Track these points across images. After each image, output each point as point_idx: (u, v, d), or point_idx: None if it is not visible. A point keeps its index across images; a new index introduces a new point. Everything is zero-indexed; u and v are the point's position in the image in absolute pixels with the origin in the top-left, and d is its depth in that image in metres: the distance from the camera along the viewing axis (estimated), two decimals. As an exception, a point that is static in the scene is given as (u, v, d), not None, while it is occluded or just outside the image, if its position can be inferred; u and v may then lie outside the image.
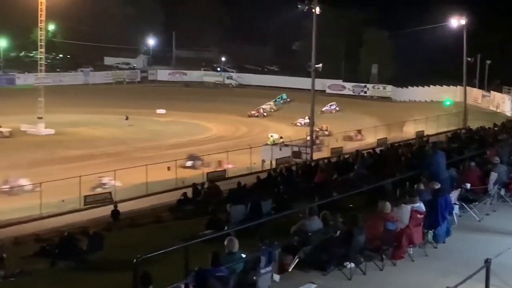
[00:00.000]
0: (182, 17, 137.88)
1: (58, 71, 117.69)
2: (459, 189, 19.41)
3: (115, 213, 35.29)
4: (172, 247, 12.17)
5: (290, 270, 14.21)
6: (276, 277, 13.35)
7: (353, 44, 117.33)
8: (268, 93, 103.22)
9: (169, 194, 41.90)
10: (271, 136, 66.84)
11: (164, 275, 12.90)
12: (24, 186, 46.44)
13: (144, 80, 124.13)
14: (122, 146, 67.57)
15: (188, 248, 12.15)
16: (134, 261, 10.92)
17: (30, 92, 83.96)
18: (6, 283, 21.67)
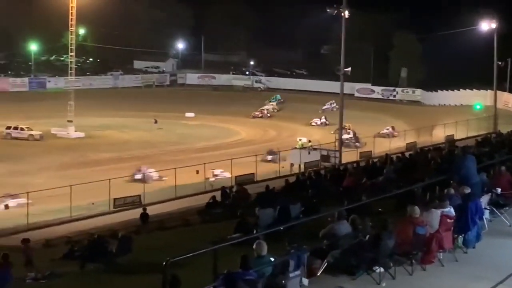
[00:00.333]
0: (211, 21, 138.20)
1: (88, 75, 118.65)
2: (490, 194, 19.22)
3: (144, 216, 35.45)
4: (201, 250, 12.16)
5: (319, 274, 14.16)
6: (305, 281, 13.31)
7: (382, 48, 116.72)
8: (297, 97, 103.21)
9: (198, 198, 42.02)
10: (300, 140, 66.81)
11: (193, 278, 12.94)
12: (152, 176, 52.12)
13: (173, 84, 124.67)
14: (151, 149, 67.90)
15: (217, 251, 12.16)
16: (163, 264, 10.94)
17: (61, 96, 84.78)
18: (37, 285, 21.85)
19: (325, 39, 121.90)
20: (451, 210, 16.17)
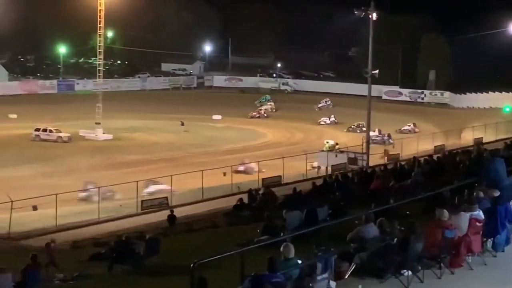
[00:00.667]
0: (238, 24, 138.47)
1: (116, 77, 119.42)
2: (519, 197, 19.00)
3: (172, 218, 35.54)
4: (228, 253, 12.16)
5: (347, 277, 14.10)
6: (332, 284, 13.25)
7: (410, 50, 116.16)
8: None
9: (225, 200, 42.06)
10: (327, 143, 66.64)
11: (220, 281, 12.94)
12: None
13: (201, 86, 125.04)
14: (178, 152, 68.13)
15: (244, 254, 12.15)
16: (191, 266, 10.95)
17: (89, 98, 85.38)
18: (65, 286, 21.99)
19: (353, 41, 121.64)
20: (480, 213, 16.03)
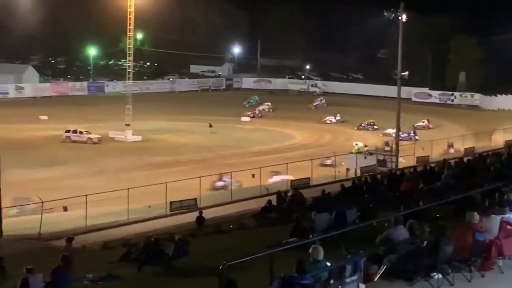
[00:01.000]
0: (267, 25, 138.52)
1: (146, 79, 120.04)
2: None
3: (200, 220, 35.62)
4: (257, 254, 12.17)
5: (376, 280, 14.05)
6: (362, 287, 13.21)
7: (440, 52, 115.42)
8: (353, 101, 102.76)
9: (253, 201, 42.08)
10: (356, 144, 66.48)
11: (248, 282, 12.93)
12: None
13: (229, 88, 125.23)
14: (207, 153, 68.32)
15: (273, 256, 12.15)
16: (220, 268, 10.97)
17: (118, 100, 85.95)
18: (94, 287, 22.12)
19: (382, 43, 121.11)
20: (511, 216, 15.91)
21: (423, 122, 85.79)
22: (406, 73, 56.19)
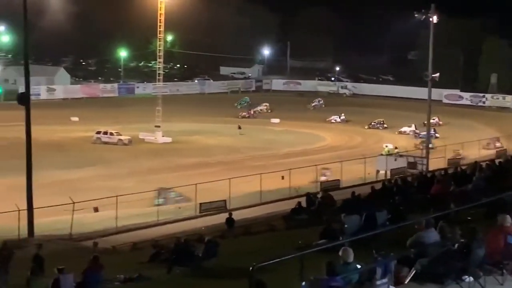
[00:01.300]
0: (297, 27, 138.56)
1: (176, 81, 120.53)
2: None
3: (230, 221, 35.64)
4: (287, 256, 12.13)
5: (406, 283, 13.96)
6: (392, 289, 13.16)
7: (472, 53, 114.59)
8: (382, 103, 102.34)
9: (283, 203, 42.03)
10: (386, 146, 66.21)
11: (278, 284, 12.92)
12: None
13: (259, 90, 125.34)
14: (236, 155, 68.38)
15: (303, 257, 12.12)
16: (250, 269, 10.96)
17: (148, 101, 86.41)
18: (125, 287, 22.23)
19: (412, 45, 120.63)
20: (544, 220, 15.70)
21: (434, 120, 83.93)
22: (437, 75, 55.82)
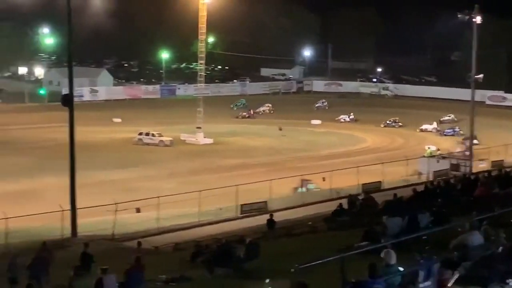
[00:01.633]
0: (338, 28, 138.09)
1: (217, 82, 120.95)
2: None
3: (271, 222, 35.60)
4: (329, 258, 12.09)
5: (450, 286, 13.82)
6: (435, 292, 13.04)
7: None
8: (425, 104, 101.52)
9: (324, 205, 41.88)
10: (428, 148, 65.66)
11: (320, 286, 12.88)
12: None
13: (300, 91, 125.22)
14: (277, 156, 68.36)
15: (344, 259, 12.06)
16: (292, 271, 10.95)
17: (190, 103, 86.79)
18: (167, 288, 22.37)
19: (456, 45, 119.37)
20: None
21: (449, 117, 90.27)
22: (481, 76, 55.12)
